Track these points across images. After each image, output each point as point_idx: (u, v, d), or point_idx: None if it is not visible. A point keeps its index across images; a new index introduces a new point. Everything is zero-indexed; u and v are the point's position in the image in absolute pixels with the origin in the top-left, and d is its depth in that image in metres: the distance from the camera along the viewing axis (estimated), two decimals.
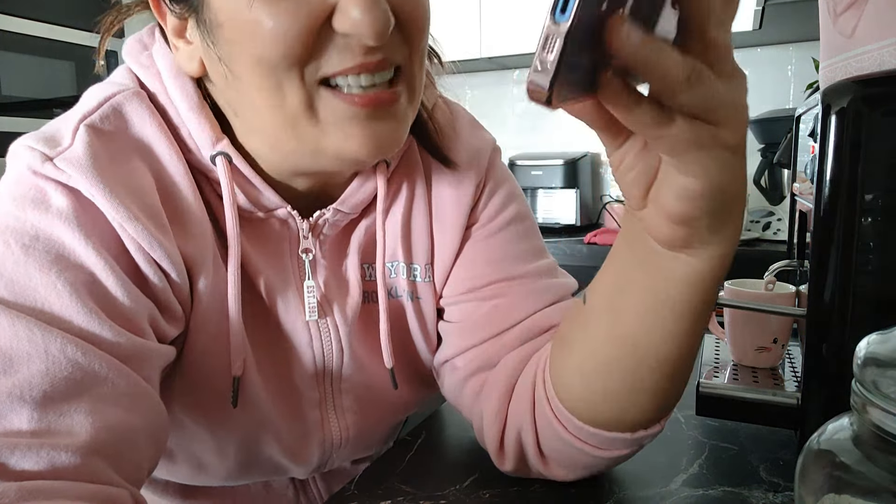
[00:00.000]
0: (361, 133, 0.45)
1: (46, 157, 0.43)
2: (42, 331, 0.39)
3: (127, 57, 0.52)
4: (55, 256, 0.41)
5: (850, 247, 0.45)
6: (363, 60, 0.43)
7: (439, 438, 0.62)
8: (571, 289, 0.61)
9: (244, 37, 0.43)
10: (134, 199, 0.44)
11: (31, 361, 0.38)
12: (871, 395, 0.26)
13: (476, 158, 0.60)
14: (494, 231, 0.60)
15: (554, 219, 2.23)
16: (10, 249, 0.41)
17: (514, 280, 0.58)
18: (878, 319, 0.34)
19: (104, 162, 0.44)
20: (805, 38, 2.06)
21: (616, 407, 0.46)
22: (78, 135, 0.45)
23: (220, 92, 0.49)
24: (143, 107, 0.48)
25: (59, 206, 0.42)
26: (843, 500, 0.26)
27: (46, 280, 0.40)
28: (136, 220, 0.43)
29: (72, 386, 0.38)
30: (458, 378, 0.58)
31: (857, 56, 0.49)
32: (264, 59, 0.42)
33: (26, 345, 0.38)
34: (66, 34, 1.95)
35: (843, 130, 0.44)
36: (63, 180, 0.43)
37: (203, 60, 0.48)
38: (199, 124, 0.49)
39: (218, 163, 0.49)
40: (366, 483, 0.53)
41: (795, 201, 0.65)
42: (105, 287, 0.42)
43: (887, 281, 0.45)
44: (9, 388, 0.37)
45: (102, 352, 0.40)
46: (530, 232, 0.62)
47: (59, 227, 0.42)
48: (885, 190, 0.44)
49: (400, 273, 0.59)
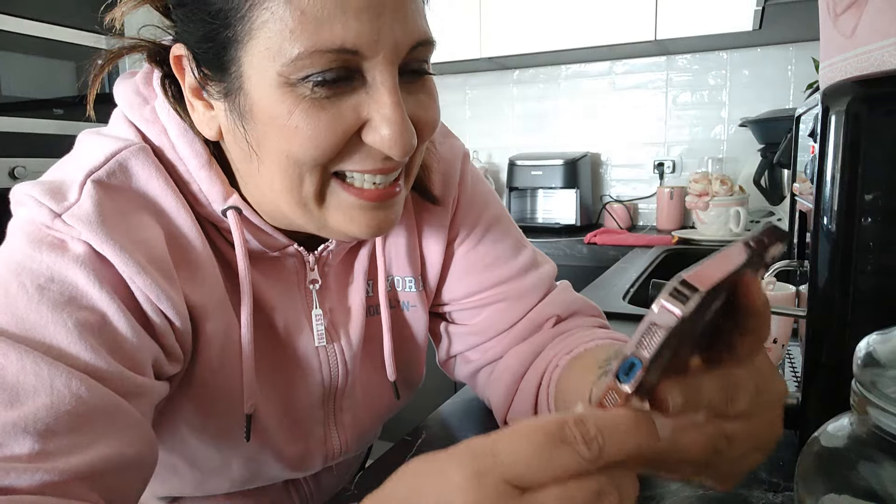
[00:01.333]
0: (364, 219, 0.49)
1: (55, 213, 0.44)
2: (49, 366, 0.40)
3: (127, 110, 0.52)
4: (69, 298, 0.43)
5: (850, 247, 0.45)
6: (381, 166, 0.47)
7: (439, 438, 0.62)
8: (552, 276, 0.68)
9: (279, 135, 0.44)
10: (142, 251, 0.46)
11: (36, 395, 0.39)
12: (871, 395, 0.26)
13: (450, 174, 0.64)
14: (479, 238, 0.65)
15: (554, 219, 2.23)
16: (24, 289, 0.42)
17: (507, 283, 0.65)
18: (878, 319, 0.34)
19: (112, 216, 0.45)
20: (805, 38, 2.06)
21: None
22: (85, 190, 0.46)
23: (235, 159, 0.51)
24: (148, 162, 0.49)
25: (76, 251, 0.44)
26: (843, 500, 0.26)
27: (57, 318, 0.42)
28: (145, 274, 0.45)
29: (74, 419, 0.40)
30: (472, 368, 0.67)
31: (857, 56, 0.49)
32: (293, 157, 0.45)
33: (32, 379, 0.40)
34: (66, 34, 1.94)
35: (843, 130, 0.44)
36: (74, 235, 0.44)
37: (222, 129, 0.49)
38: (210, 181, 0.50)
39: (230, 216, 0.51)
40: (366, 483, 0.53)
41: (795, 201, 0.65)
42: (114, 329, 0.44)
43: (887, 281, 0.45)
44: (14, 420, 0.38)
45: (105, 387, 0.42)
46: (508, 226, 0.68)
47: (75, 271, 0.43)
48: (885, 190, 0.44)
49: (396, 286, 0.64)
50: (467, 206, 0.65)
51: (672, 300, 0.27)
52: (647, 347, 0.27)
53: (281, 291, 0.56)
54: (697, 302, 0.27)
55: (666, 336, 0.27)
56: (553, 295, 0.66)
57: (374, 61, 0.43)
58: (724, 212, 1.86)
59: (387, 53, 0.43)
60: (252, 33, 0.42)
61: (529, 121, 2.54)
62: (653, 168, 2.34)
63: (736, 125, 2.13)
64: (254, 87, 0.44)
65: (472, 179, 0.66)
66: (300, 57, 0.41)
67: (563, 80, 2.46)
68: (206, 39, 0.45)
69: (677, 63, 2.28)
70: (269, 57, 0.42)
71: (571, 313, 0.66)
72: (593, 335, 0.62)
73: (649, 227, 2.31)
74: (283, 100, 0.43)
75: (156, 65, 0.52)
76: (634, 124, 2.37)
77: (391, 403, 0.67)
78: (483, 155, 2.62)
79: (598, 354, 0.56)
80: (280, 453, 0.59)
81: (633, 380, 0.28)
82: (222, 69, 0.45)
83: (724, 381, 0.33)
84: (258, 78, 0.43)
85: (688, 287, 0.27)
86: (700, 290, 0.27)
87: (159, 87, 0.52)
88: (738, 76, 2.20)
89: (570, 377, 0.57)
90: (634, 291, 1.26)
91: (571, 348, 0.60)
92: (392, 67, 0.44)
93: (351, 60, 0.43)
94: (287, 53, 0.42)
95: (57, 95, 1.95)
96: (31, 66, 1.87)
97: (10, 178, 1.81)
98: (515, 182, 2.24)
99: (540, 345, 0.63)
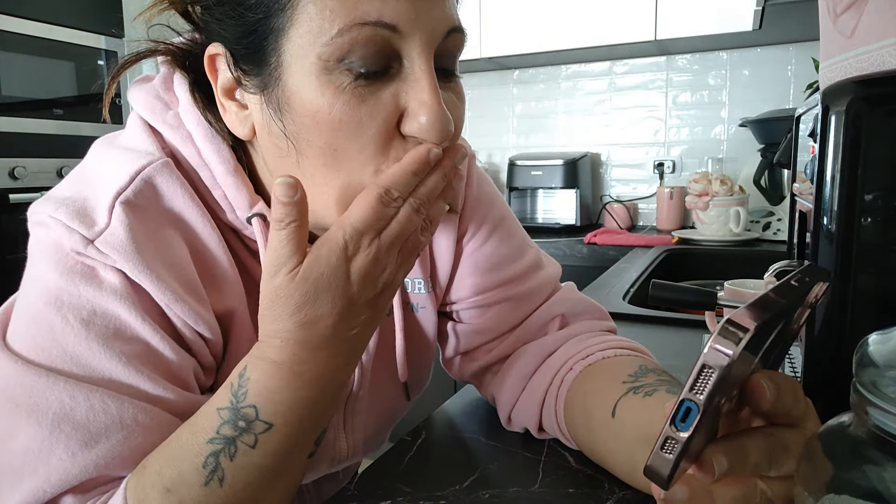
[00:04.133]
0: None
1: (87, 239, 0.44)
2: (115, 402, 0.42)
3: (149, 115, 0.51)
4: (114, 331, 0.44)
5: (850, 247, 0.45)
6: None
7: (439, 438, 0.62)
8: (557, 277, 0.69)
9: (321, 127, 0.44)
10: (175, 275, 0.47)
11: (108, 433, 0.42)
12: (871, 395, 0.26)
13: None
14: (486, 237, 0.66)
15: (554, 219, 2.23)
16: (69, 325, 0.43)
17: (513, 282, 0.65)
18: (878, 319, 0.34)
19: (143, 240, 0.45)
20: (805, 38, 2.06)
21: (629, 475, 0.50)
22: (115, 214, 0.45)
23: (266, 159, 0.50)
24: (173, 178, 0.49)
25: (112, 283, 0.45)
26: (843, 500, 0.26)
27: (109, 352, 0.43)
28: (181, 302, 0.46)
29: (149, 446, 0.43)
30: (477, 367, 0.67)
31: (857, 56, 0.49)
32: (338, 149, 0.45)
33: (102, 416, 0.42)
34: (66, 34, 1.94)
35: (843, 130, 0.44)
36: (108, 263, 0.45)
37: (255, 128, 0.48)
38: (236, 188, 0.50)
39: (255, 223, 0.50)
40: (366, 483, 0.53)
41: (795, 201, 0.65)
42: (160, 355, 0.46)
43: (887, 281, 0.45)
44: (94, 461, 0.41)
45: (166, 413, 0.45)
46: (514, 227, 0.69)
47: (115, 304, 0.44)
48: (885, 190, 0.44)
49: (406, 288, 0.65)
50: (474, 205, 0.66)
51: (722, 340, 0.27)
52: (701, 391, 0.28)
53: None
54: (747, 340, 0.27)
55: (720, 377, 0.27)
56: (559, 295, 0.67)
57: (411, 41, 0.43)
58: (724, 212, 1.86)
59: (424, 35, 0.44)
60: (293, 19, 0.43)
61: (529, 121, 2.54)
62: (653, 168, 2.34)
63: (736, 125, 2.14)
64: (293, 76, 0.44)
65: (477, 180, 0.67)
66: (340, 34, 0.42)
67: (563, 80, 2.46)
68: (246, 34, 0.45)
69: (677, 63, 2.28)
70: (310, 41, 0.43)
71: (577, 314, 0.66)
72: (608, 342, 0.61)
73: (649, 227, 2.31)
74: (323, 92, 0.43)
75: (182, 70, 0.52)
76: (634, 124, 2.37)
77: (400, 406, 0.68)
78: (483, 155, 2.62)
79: (619, 367, 0.56)
80: None
81: (691, 425, 0.28)
82: (261, 62, 0.45)
83: (774, 444, 0.33)
84: (299, 67, 0.44)
85: (736, 326, 0.27)
86: (749, 329, 0.27)
87: (187, 91, 0.51)
88: (738, 76, 2.20)
89: (585, 383, 0.56)
90: (634, 291, 1.26)
91: (587, 354, 0.59)
92: (428, 51, 0.44)
93: (389, 40, 0.43)
94: (326, 32, 0.42)
95: (57, 95, 1.95)
96: (31, 66, 1.87)
97: (10, 178, 1.82)
98: (515, 182, 2.24)
99: (550, 346, 0.63)
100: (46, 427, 0.41)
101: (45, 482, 0.40)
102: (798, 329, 0.37)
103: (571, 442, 0.57)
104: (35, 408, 0.41)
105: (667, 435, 0.29)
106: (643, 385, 0.51)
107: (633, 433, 0.47)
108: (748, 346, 0.28)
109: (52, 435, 0.41)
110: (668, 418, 0.28)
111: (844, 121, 0.44)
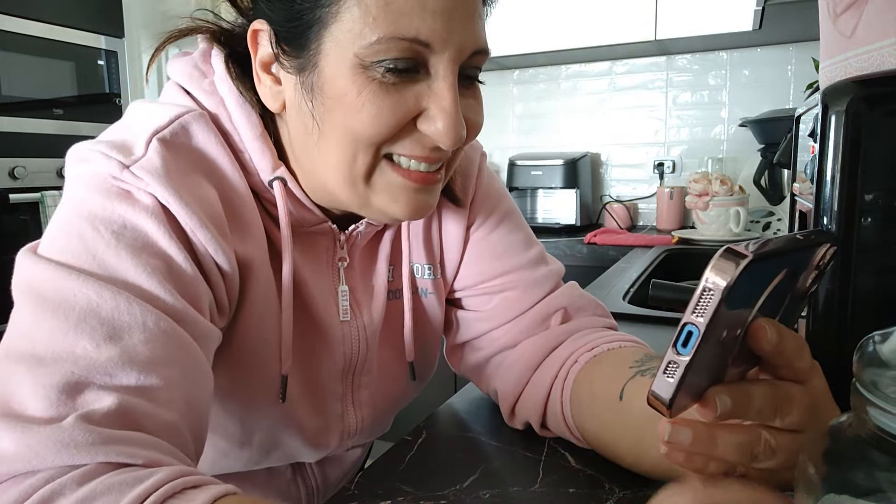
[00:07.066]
0: (406, 200, 0.52)
1: (123, 165, 0.47)
2: (139, 306, 0.43)
3: (186, 81, 0.56)
4: (142, 244, 0.46)
5: (850, 247, 0.45)
6: (430, 155, 0.51)
7: (439, 438, 0.62)
8: (560, 275, 0.70)
9: (346, 111, 0.48)
10: (202, 207, 0.49)
11: (131, 331, 0.42)
12: (871, 395, 0.26)
13: (469, 171, 0.69)
14: (493, 227, 0.68)
15: (554, 219, 2.23)
16: (100, 234, 0.45)
17: (517, 271, 0.67)
18: (878, 319, 0.34)
19: (175, 173, 0.48)
20: (805, 38, 2.06)
21: (634, 459, 0.51)
22: (151, 146, 0.49)
23: (291, 133, 0.55)
24: (208, 127, 0.53)
25: (145, 202, 0.47)
26: (843, 500, 0.26)
27: (137, 262, 0.45)
28: (205, 228, 0.48)
29: (166, 356, 0.43)
30: (480, 357, 0.68)
31: (857, 56, 0.49)
32: (355, 133, 0.49)
33: (126, 317, 0.43)
34: (66, 34, 1.94)
35: (843, 130, 0.44)
36: (141, 187, 0.47)
37: (286, 104, 0.53)
38: (261, 152, 0.54)
39: (275, 186, 0.54)
40: (366, 483, 0.53)
41: (795, 201, 0.65)
42: (182, 272, 0.47)
43: (887, 281, 0.45)
44: (118, 353, 0.41)
45: (183, 329, 0.45)
46: (520, 221, 0.71)
47: (145, 220, 0.46)
48: (885, 190, 0.44)
49: (417, 273, 0.67)
50: (483, 198, 0.68)
51: (723, 263, 0.27)
52: (701, 314, 0.28)
53: (312, 266, 0.60)
54: (745, 264, 0.27)
55: (719, 300, 0.27)
56: (562, 289, 0.68)
57: (440, 57, 0.48)
58: (724, 212, 1.86)
59: (452, 52, 0.48)
60: (338, 16, 0.47)
61: (529, 121, 2.54)
62: (653, 168, 2.34)
63: (736, 125, 2.14)
64: (329, 64, 0.48)
65: (487, 176, 0.70)
66: (379, 42, 0.46)
67: (563, 80, 2.46)
68: (292, 18, 0.49)
69: (677, 63, 2.28)
70: (350, 39, 0.47)
71: (579, 309, 0.67)
72: (613, 336, 0.62)
73: (649, 227, 2.31)
74: (354, 80, 0.47)
75: (219, 45, 0.56)
76: (634, 124, 2.37)
77: (406, 386, 0.70)
78: None
79: (624, 355, 0.57)
80: (301, 425, 0.62)
81: (693, 348, 0.28)
82: (302, 46, 0.49)
83: (778, 393, 0.33)
84: (336, 57, 0.48)
85: (735, 254, 0.28)
86: (747, 255, 0.27)
87: (222, 63, 0.55)
88: (738, 76, 2.20)
89: (591, 372, 0.58)
90: (634, 291, 1.26)
91: (592, 346, 0.61)
92: (454, 66, 0.49)
93: (421, 52, 0.47)
94: (367, 38, 0.46)
95: (57, 95, 1.95)
96: (31, 66, 1.87)
97: (10, 178, 1.82)
98: (515, 182, 2.24)
99: (555, 339, 0.64)
100: (73, 320, 0.41)
101: (74, 365, 0.40)
102: (806, 291, 0.36)
103: (575, 433, 0.57)
104: (63, 302, 0.42)
105: (669, 359, 0.29)
106: (650, 368, 0.52)
107: (641, 412, 0.48)
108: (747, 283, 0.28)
109: (77, 326, 0.41)
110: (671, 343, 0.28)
111: (844, 121, 0.44)
